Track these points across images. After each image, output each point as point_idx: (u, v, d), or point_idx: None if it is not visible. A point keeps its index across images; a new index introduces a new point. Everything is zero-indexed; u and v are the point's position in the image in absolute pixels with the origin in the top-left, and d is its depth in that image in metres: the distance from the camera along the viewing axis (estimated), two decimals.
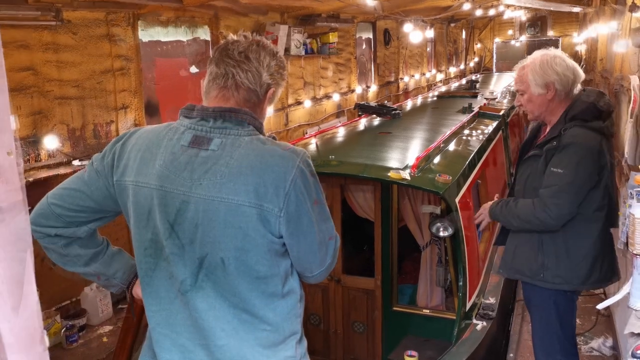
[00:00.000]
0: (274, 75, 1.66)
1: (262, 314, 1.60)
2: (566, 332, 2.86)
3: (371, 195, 3.62)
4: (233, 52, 1.62)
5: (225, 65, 1.62)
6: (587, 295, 4.62)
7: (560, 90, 2.69)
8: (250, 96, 1.64)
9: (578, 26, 18.34)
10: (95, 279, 1.84)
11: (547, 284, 2.75)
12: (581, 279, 2.69)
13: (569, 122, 2.65)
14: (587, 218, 2.65)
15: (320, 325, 3.89)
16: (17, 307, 0.49)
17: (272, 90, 1.68)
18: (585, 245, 2.67)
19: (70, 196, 1.68)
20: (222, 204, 1.52)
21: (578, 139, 2.58)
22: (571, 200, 2.58)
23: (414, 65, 15.48)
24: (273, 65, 1.65)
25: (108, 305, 5.39)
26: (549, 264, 2.72)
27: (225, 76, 1.62)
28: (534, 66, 2.71)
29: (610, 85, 7.06)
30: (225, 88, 1.63)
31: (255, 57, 1.62)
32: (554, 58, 2.70)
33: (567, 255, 2.68)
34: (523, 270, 2.83)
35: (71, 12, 5.08)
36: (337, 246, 1.74)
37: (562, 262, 2.69)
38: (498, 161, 5.16)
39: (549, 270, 2.72)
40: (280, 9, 8.34)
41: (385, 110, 5.55)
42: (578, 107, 2.67)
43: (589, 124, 2.63)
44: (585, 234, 2.67)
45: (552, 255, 2.71)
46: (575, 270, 2.69)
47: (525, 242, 2.82)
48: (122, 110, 5.78)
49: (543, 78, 2.68)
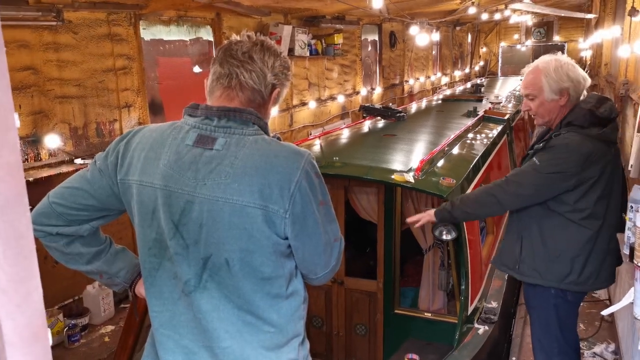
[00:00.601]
0: (278, 75, 1.65)
1: (266, 315, 1.59)
2: (566, 335, 2.85)
3: (375, 198, 3.61)
4: (237, 52, 1.61)
5: (229, 65, 1.61)
6: (592, 301, 4.61)
7: (573, 96, 2.68)
8: (254, 96, 1.63)
9: (583, 32, 18.33)
10: (97, 277, 1.84)
11: (523, 277, 2.79)
12: (556, 277, 2.68)
13: (564, 128, 2.64)
14: (564, 218, 2.65)
15: (322, 327, 3.88)
16: (21, 305, 0.49)
17: (277, 91, 1.67)
18: (562, 243, 2.66)
19: (72, 195, 1.67)
20: (226, 205, 1.51)
21: (568, 142, 2.58)
22: (532, 183, 2.61)
23: (419, 68, 15.49)
24: (277, 65, 1.64)
25: (110, 304, 5.39)
26: (525, 257, 2.75)
27: (229, 76, 1.61)
28: (548, 71, 2.67)
29: (615, 90, 7.05)
30: (229, 88, 1.62)
31: (260, 57, 1.61)
32: (567, 64, 2.68)
33: (543, 250, 2.69)
34: (507, 263, 2.88)
35: (72, 12, 5.10)
36: (341, 248, 1.74)
37: (538, 256, 2.71)
38: (503, 165, 5.16)
39: (524, 263, 2.75)
40: (283, 10, 8.36)
41: (389, 113, 5.55)
42: (575, 113, 2.66)
43: (585, 131, 2.61)
44: (563, 232, 2.66)
45: (529, 248, 2.74)
46: (550, 266, 2.69)
47: (509, 235, 2.89)
48: (126, 109, 5.79)
49: (558, 84, 2.66)
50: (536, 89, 2.71)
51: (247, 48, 1.61)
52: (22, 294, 0.50)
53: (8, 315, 0.49)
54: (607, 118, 2.66)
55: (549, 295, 2.76)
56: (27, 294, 0.50)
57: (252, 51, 1.61)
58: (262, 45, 1.63)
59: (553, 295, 2.75)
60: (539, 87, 2.70)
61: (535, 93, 2.73)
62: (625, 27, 7.09)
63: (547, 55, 2.80)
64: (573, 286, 2.71)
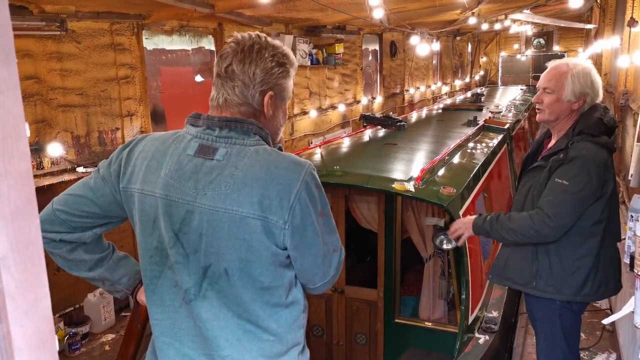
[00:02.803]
0: (265, 79, 1.60)
1: (265, 324, 1.59)
2: (571, 346, 2.84)
3: (375, 207, 3.62)
4: (221, 69, 1.61)
5: (216, 86, 1.63)
6: (593, 311, 4.60)
7: (588, 104, 2.69)
8: (245, 109, 1.62)
9: (583, 42, 18.40)
10: (100, 284, 1.85)
11: (538, 292, 2.74)
12: (573, 290, 2.67)
13: (577, 136, 2.64)
14: (583, 231, 2.64)
15: (323, 336, 3.87)
16: (30, 311, 0.50)
17: (269, 94, 1.62)
18: (580, 257, 2.65)
19: (75, 202, 1.68)
20: (226, 215, 1.51)
21: (586, 152, 2.57)
22: (572, 211, 2.56)
23: (419, 78, 15.53)
24: (260, 71, 1.59)
25: (111, 312, 5.39)
26: (542, 273, 2.71)
27: (217, 98, 1.63)
28: (577, 72, 2.65)
29: (615, 100, 7.07)
30: (219, 107, 1.63)
31: (240, 68, 1.58)
32: (594, 72, 2.68)
33: (560, 265, 2.67)
34: (515, 279, 2.83)
35: (75, 22, 5.14)
36: (341, 258, 1.73)
37: (556, 271, 2.68)
38: (503, 174, 5.16)
39: (541, 279, 2.71)
40: (284, 20, 8.41)
41: (390, 122, 5.56)
42: (586, 121, 2.66)
43: (596, 139, 2.62)
44: (580, 246, 2.65)
45: (546, 264, 2.70)
46: (568, 280, 2.67)
47: (517, 251, 2.81)
48: (128, 118, 5.81)
49: (582, 87, 2.65)
50: (558, 85, 2.68)
51: (229, 60, 1.59)
52: (31, 300, 0.51)
53: (16, 321, 0.50)
54: (613, 127, 2.68)
55: (554, 306, 2.75)
56: (36, 300, 0.51)
57: (234, 62, 1.59)
58: (243, 52, 1.59)
59: (558, 306, 2.73)
60: (562, 84, 2.67)
61: (555, 89, 2.69)
62: (624, 38, 7.13)
63: (576, 58, 2.79)
64: (587, 297, 2.70)
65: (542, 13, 12.53)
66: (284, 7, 7.04)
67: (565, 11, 12.66)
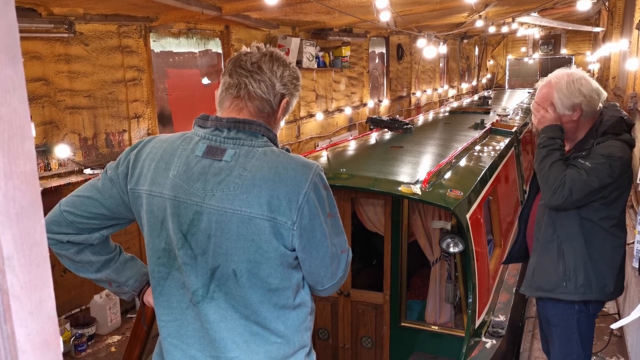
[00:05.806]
0: (287, 85, 1.66)
1: (273, 326, 1.59)
2: (587, 351, 2.81)
3: (381, 210, 3.61)
4: (246, 63, 1.62)
5: (238, 75, 1.62)
6: (601, 315, 4.57)
7: (587, 111, 2.66)
8: (263, 106, 1.64)
9: (591, 45, 18.33)
10: (107, 285, 1.85)
11: (570, 295, 2.69)
12: (600, 289, 2.65)
13: (601, 137, 2.62)
14: (606, 229, 2.62)
15: (329, 339, 3.86)
16: (34, 312, 0.50)
17: (286, 100, 1.68)
18: (607, 254, 2.64)
19: (83, 203, 1.68)
20: (234, 216, 1.51)
21: (613, 149, 2.55)
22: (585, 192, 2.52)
23: (426, 81, 15.51)
24: (286, 75, 1.66)
25: (117, 314, 5.40)
26: (570, 274, 2.67)
27: (238, 86, 1.62)
28: (560, 87, 2.64)
29: (624, 103, 7.03)
30: (238, 98, 1.63)
31: (269, 67, 1.63)
32: (579, 79, 2.65)
33: (591, 264, 2.64)
34: (543, 286, 2.78)
35: (84, 24, 5.16)
36: (349, 260, 1.73)
37: (584, 271, 2.65)
38: (510, 178, 5.14)
39: (571, 280, 2.67)
40: (291, 23, 8.42)
41: (397, 125, 5.55)
42: (608, 121, 2.64)
43: (621, 137, 2.61)
44: (604, 245, 2.63)
45: (572, 265, 2.66)
46: (595, 279, 2.64)
47: (543, 257, 2.77)
48: (135, 120, 5.83)
49: (570, 99, 2.63)
50: (547, 103, 2.69)
51: (256, 59, 1.63)
52: (35, 301, 0.51)
53: (21, 322, 0.50)
54: (632, 125, 2.66)
55: (571, 311, 2.72)
56: (40, 301, 0.51)
57: (261, 61, 1.63)
58: (271, 56, 1.65)
59: (576, 310, 2.70)
60: (551, 102, 2.68)
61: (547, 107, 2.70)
62: (633, 41, 7.09)
63: (561, 69, 2.75)
64: (610, 296, 2.69)
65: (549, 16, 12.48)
66: (291, 10, 7.05)
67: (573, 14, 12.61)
